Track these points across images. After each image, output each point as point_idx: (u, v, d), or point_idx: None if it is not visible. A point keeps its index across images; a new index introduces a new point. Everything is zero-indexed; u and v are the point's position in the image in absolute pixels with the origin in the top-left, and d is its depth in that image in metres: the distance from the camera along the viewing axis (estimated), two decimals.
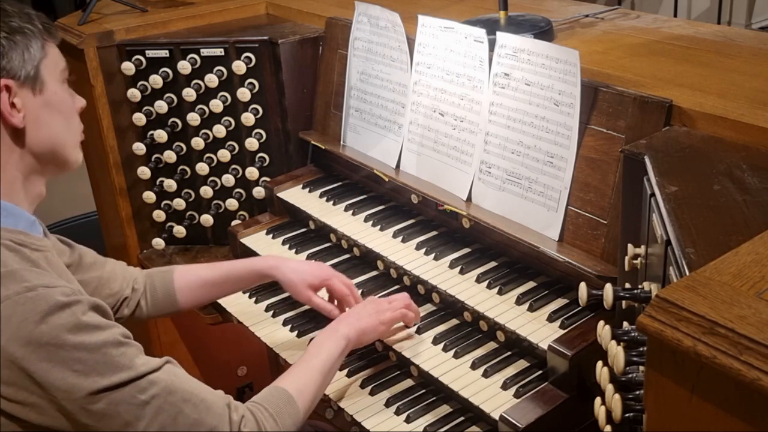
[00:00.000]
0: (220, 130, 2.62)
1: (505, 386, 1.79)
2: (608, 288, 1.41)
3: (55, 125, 1.53)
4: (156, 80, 2.62)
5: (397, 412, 1.86)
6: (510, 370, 1.85)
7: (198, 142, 2.66)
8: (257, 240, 2.48)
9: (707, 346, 0.95)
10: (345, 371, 2.00)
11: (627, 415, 1.30)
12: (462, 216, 2.13)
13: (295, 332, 2.16)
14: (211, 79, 2.59)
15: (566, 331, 1.79)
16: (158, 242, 2.79)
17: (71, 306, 1.38)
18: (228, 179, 2.68)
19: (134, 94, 2.64)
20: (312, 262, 2.21)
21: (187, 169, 2.72)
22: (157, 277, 2.05)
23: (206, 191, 2.71)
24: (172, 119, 2.67)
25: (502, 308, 1.91)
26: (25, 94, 1.48)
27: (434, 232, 2.24)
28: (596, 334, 1.45)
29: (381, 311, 1.93)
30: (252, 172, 2.67)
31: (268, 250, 2.41)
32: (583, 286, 1.50)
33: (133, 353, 1.44)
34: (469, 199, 2.13)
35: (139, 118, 2.66)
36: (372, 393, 1.93)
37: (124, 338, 1.45)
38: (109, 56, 2.63)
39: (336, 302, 2.09)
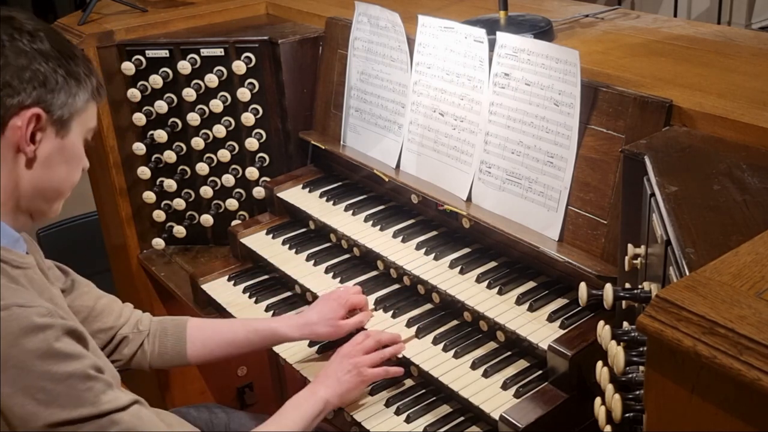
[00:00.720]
0: (220, 130, 2.62)
1: (505, 386, 1.79)
2: (608, 288, 1.40)
3: (59, 171, 1.53)
4: (156, 80, 2.62)
5: (397, 412, 1.86)
6: (510, 370, 1.85)
7: (198, 142, 2.66)
8: (257, 240, 2.48)
9: (707, 346, 0.95)
10: None
11: (627, 415, 1.30)
12: (462, 216, 2.13)
13: None
14: (211, 79, 2.59)
15: (566, 331, 1.79)
16: (158, 242, 2.79)
17: (45, 330, 1.35)
18: (228, 179, 2.68)
19: (134, 94, 2.64)
20: (322, 301, 2.06)
21: (187, 169, 2.72)
22: (169, 324, 1.96)
23: (206, 191, 2.71)
24: (172, 119, 2.67)
25: (502, 308, 1.91)
26: (49, 131, 1.49)
27: (434, 232, 2.24)
28: (596, 334, 1.45)
29: (360, 366, 1.85)
30: (252, 172, 2.67)
31: (269, 250, 2.41)
32: (583, 286, 1.50)
33: (100, 389, 1.40)
34: (469, 199, 2.13)
35: (139, 118, 2.66)
36: (372, 393, 1.93)
37: (94, 372, 1.41)
38: (109, 56, 2.63)
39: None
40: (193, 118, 2.62)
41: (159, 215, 2.77)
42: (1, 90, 1.42)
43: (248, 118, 2.60)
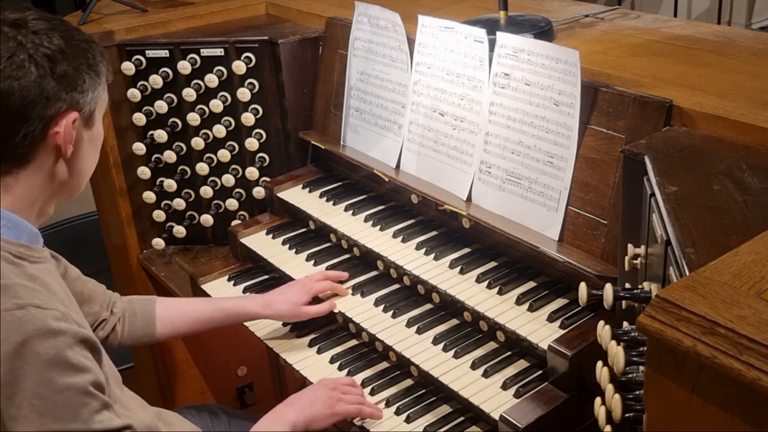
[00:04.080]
0: (220, 130, 2.62)
1: (505, 386, 1.79)
2: (608, 288, 1.40)
3: (90, 159, 1.57)
4: (156, 80, 2.62)
5: (397, 412, 1.86)
6: (510, 370, 1.85)
7: (198, 142, 2.66)
8: (257, 240, 2.48)
9: (707, 346, 0.95)
10: (345, 371, 2.00)
11: (627, 415, 1.30)
12: (462, 216, 2.13)
13: (295, 332, 2.16)
14: (211, 79, 2.59)
15: (566, 331, 1.79)
16: (158, 242, 2.79)
17: (57, 336, 1.35)
18: (228, 179, 2.68)
19: (134, 94, 2.64)
20: (287, 285, 2.16)
21: (187, 169, 2.72)
22: (138, 305, 2.02)
23: (206, 191, 2.71)
24: (172, 119, 2.67)
25: (502, 308, 1.91)
26: (80, 127, 1.51)
27: (434, 232, 2.24)
28: (596, 334, 1.45)
29: (335, 399, 1.82)
30: (252, 172, 2.67)
31: (269, 250, 2.41)
32: (583, 286, 1.50)
33: (95, 408, 1.39)
34: (469, 199, 2.13)
35: (139, 118, 2.66)
36: (372, 393, 1.93)
37: (94, 389, 1.40)
38: (109, 56, 2.62)
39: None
40: (193, 118, 2.62)
41: (159, 215, 2.77)
42: (38, 103, 1.42)
43: (248, 118, 2.60)
